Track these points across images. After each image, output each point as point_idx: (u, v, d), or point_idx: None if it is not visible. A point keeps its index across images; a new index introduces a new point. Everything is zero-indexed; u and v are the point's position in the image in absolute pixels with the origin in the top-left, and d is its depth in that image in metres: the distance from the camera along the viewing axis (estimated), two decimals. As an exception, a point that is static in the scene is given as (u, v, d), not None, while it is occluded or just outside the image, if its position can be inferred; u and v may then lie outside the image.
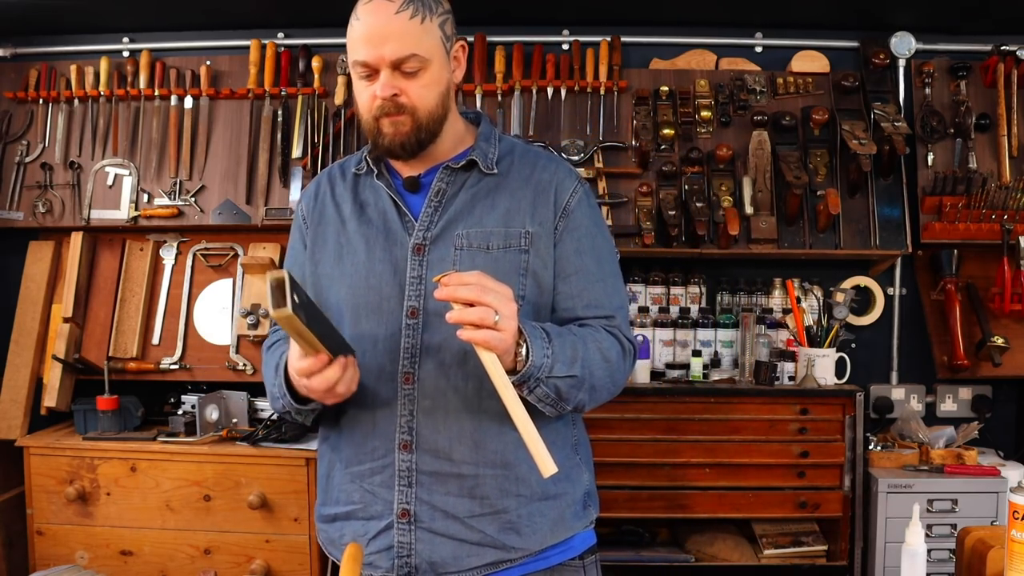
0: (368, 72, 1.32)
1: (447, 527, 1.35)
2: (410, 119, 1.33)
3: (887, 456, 2.50)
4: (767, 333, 2.65)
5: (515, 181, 1.42)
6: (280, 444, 2.47)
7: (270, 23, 2.79)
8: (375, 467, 1.38)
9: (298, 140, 2.69)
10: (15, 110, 2.80)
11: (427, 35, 1.31)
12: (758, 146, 2.63)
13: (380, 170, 1.43)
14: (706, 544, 2.49)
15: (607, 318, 1.40)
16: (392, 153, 1.37)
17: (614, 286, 1.44)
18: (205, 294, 2.79)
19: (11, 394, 2.70)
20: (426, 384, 1.35)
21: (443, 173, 1.41)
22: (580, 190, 1.43)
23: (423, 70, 1.32)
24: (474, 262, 1.35)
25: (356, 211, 1.44)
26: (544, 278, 1.39)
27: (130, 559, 2.48)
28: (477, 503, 1.35)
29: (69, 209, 2.74)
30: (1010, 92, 2.63)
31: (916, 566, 1.39)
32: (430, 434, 1.35)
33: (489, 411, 1.35)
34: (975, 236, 2.60)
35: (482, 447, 1.35)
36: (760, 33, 2.80)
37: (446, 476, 1.35)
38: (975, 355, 2.63)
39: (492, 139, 1.47)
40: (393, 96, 1.31)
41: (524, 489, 1.37)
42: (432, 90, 1.34)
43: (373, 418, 1.38)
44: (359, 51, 1.31)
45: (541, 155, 1.47)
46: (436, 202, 1.40)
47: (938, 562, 2.31)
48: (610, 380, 1.38)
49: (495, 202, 1.40)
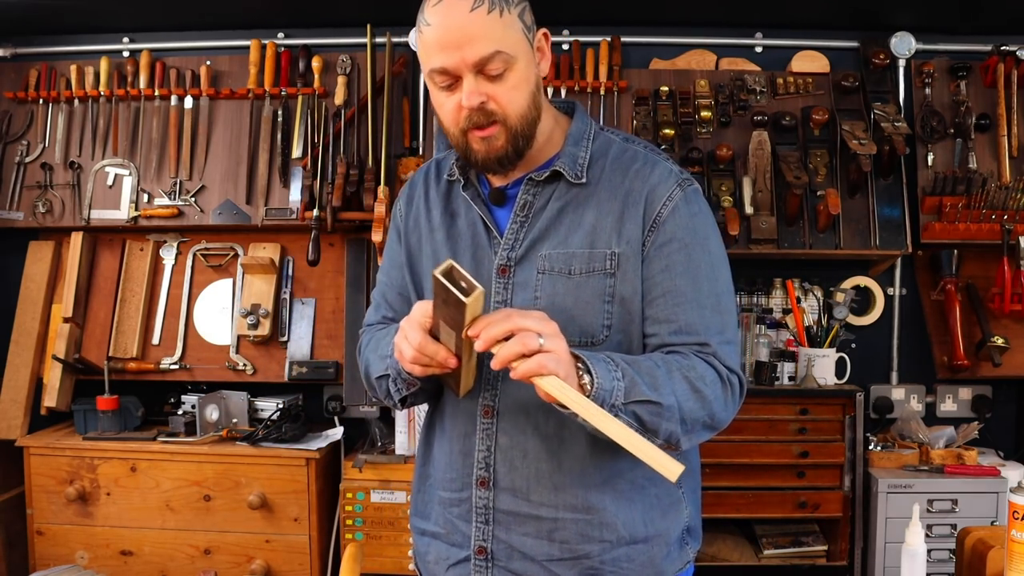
0: (449, 80, 1.19)
1: (524, 568, 1.27)
2: (502, 129, 1.20)
3: (887, 456, 2.50)
4: (767, 333, 2.65)
5: (604, 191, 1.26)
6: (280, 444, 2.47)
7: (270, 23, 2.79)
8: (454, 499, 1.31)
9: (298, 140, 2.69)
10: (15, 110, 2.80)
11: (509, 29, 1.17)
12: (758, 146, 2.63)
13: (469, 179, 1.31)
14: (706, 544, 2.49)
15: (701, 345, 1.22)
16: (488, 170, 1.26)
17: (714, 308, 1.23)
18: (205, 294, 2.79)
19: (11, 394, 2.70)
20: (505, 420, 1.26)
21: (527, 185, 1.28)
22: (679, 195, 1.24)
23: (509, 70, 1.18)
24: (555, 288, 1.23)
25: (446, 221, 1.33)
26: (634, 304, 1.24)
27: (130, 559, 2.48)
28: (556, 547, 1.26)
29: (69, 209, 2.74)
30: (1010, 92, 2.63)
31: (916, 566, 1.39)
32: (507, 472, 1.26)
33: (571, 453, 1.25)
34: (975, 236, 2.60)
35: (562, 490, 1.25)
36: (760, 33, 2.80)
37: (524, 517, 1.26)
38: (975, 355, 2.63)
39: (584, 139, 1.30)
40: (481, 104, 1.18)
41: (609, 534, 1.25)
42: (522, 90, 1.20)
43: (451, 450, 1.31)
44: (436, 58, 1.18)
45: (639, 155, 1.29)
46: (522, 217, 1.27)
47: (938, 562, 2.31)
48: (704, 413, 1.20)
49: (582, 218, 1.25)
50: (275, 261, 2.75)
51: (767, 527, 2.56)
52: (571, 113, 1.34)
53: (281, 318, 2.75)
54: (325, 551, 2.53)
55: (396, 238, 1.42)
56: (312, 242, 2.58)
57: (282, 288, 2.77)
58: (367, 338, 1.42)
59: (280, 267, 2.77)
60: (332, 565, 2.53)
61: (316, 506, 2.46)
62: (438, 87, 1.21)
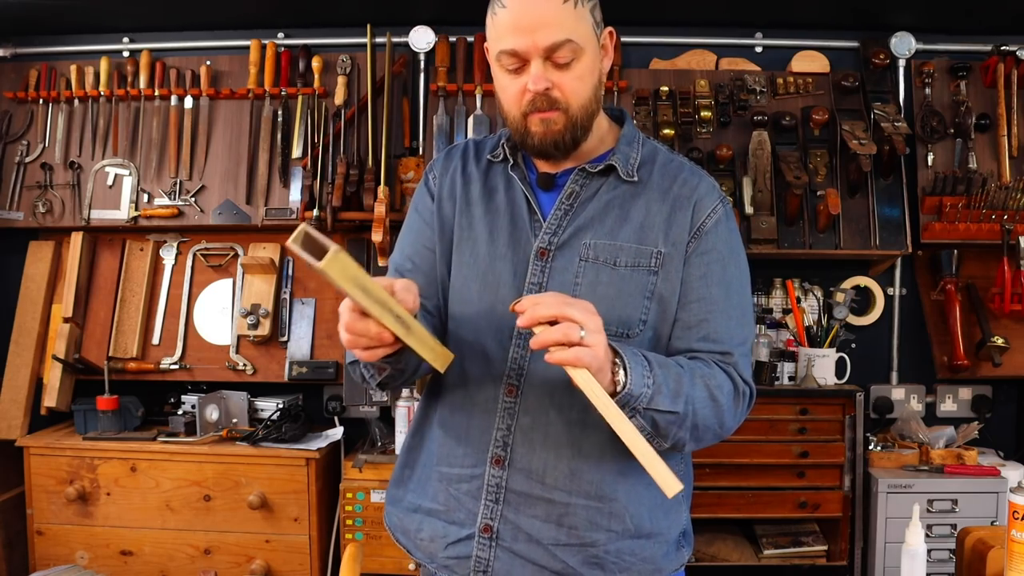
0: (517, 63, 1.22)
1: (529, 550, 1.27)
2: (563, 116, 1.23)
3: (887, 456, 2.50)
4: (767, 333, 2.65)
5: (654, 192, 1.30)
6: (280, 444, 2.47)
7: (270, 23, 2.79)
8: (464, 475, 1.30)
9: (298, 140, 2.69)
10: (15, 110, 2.80)
11: (581, 21, 1.22)
12: (758, 146, 2.63)
13: (516, 160, 1.34)
14: (706, 544, 2.49)
15: (723, 354, 1.27)
16: (544, 153, 1.28)
17: (740, 321, 1.30)
18: (205, 294, 2.79)
19: (11, 394, 2.70)
20: (529, 400, 1.26)
21: (578, 175, 1.31)
22: (721, 210, 1.30)
23: (576, 60, 1.22)
24: (598, 277, 1.25)
25: (484, 195, 1.34)
26: (671, 304, 1.27)
27: (130, 559, 2.48)
28: (564, 532, 1.27)
29: (69, 209, 2.74)
30: (1010, 92, 2.63)
31: (916, 566, 1.39)
32: (525, 453, 1.27)
33: (591, 439, 1.26)
34: (975, 236, 2.60)
35: (578, 476, 1.26)
36: (760, 33, 2.80)
37: (536, 499, 1.27)
38: (975, 355, 2.63)
39: (635, 143, 1.35)
40: (546, 90, 1.21)
41: (617, 525, 1.28)
42: (586, 82, 1.25)
43: (468, 425, 1.30)
44: (507, 39, 1.20)
45: (685, 166, 1.35)
46: (567, 205, 1.30)
47: (938, 562, 2.31)
48: (716, 421, 1.24)
49: (629, 214, 1.29)
50: (275, 261, 2.75)
51: (767, 527, 2.56)
52: (621, 120, 1.39)
53: (281, 318, 2.75)
54: (325, 551, 2.53)
55: (429, 202, 1.38)
56: (312, 242, 2.58)
57: (282, 288, 2.77)
58: None
59: (280, 267, 2.77)
60: (332, 565, 2.53)
61: (316, 506, 2.46)
62: (505, 69, 1.23)
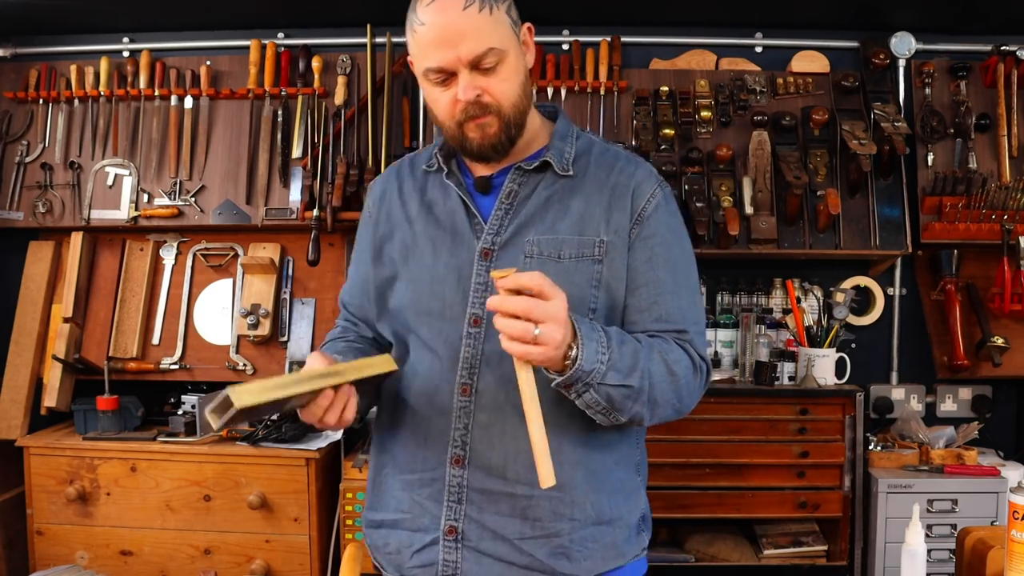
0: (444, 76, 1.24)
1: (495, 548, 1.29)
2: (496, 118, 1.26)
3: (887, 456, 2.50)
4: (767, 333, 2.65)
5: (591, 184, 1.33)
6: (280, 444, 2.47)
7: (270, 23, 2.79)
8: (424, 478, 1.32)
9: (298, 140, 2.69)
10: (15, 110, 2.80)
11: (499, 25, 1.24)
12: (758, 146, 2.63)
13: (451, 168, 1.36)
14: (706, 544, 2.49)
15: (679, 332, 1.31)
16: (483, 157, 1.31)
17: (689, 299, 1.34)
18: (205, 294, 2.79)
19: (11, 394, 2.70)
20: (485, 397, 1.28)
21: (515, 174, 1.33)
22: (659, 194, 1.34)
23: (501, 63, 1.24)
24: (544, 271, 1.23)
25: (423, 210, 1.37)
26: (618, 290, 1.30)
27: (130, 559, 2.48)
28: (528, 525, 1.28)
29: (69, 209, 2.74)
30: (1010, 92, 2.63)
31: (916, 566, 1.39)
32: (484, 450, 1.28)
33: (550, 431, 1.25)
34: (975, 236, 2.60)
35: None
36: (760, 33, 2.80)
37: (498, 495, 1.28)
38: (975, 355, 2.63)
39: (569, 137, 1.38)
40: (477, 97, 1.24)
41: (579, 513, 1.30)
42: (513, 82, 1.26)
43: (427, 428, 1.32)
44: (431, 56, 1.23)
45: (621, 155, 1.38)
46: (507, 204, 1.32)
47: (938, 562, 2.31)
48: (675, 396, 1.27)
49: (569, 207, 1.32)
50: (275, 261, 2.75)
51: (767, 527, 2.55)
52: (554, 116, 1.41)
53: (281, 318, 2.75)
54: (325, 551, 2.53)
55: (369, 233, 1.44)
56: (312, 242, 2.58)
57: (282, 288, 2.77)
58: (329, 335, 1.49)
59: (280, 267, 2.77)
60: (332, 565, 2.53)
61: (316, 506, 2.46)
62: (433, 83, 1.26)
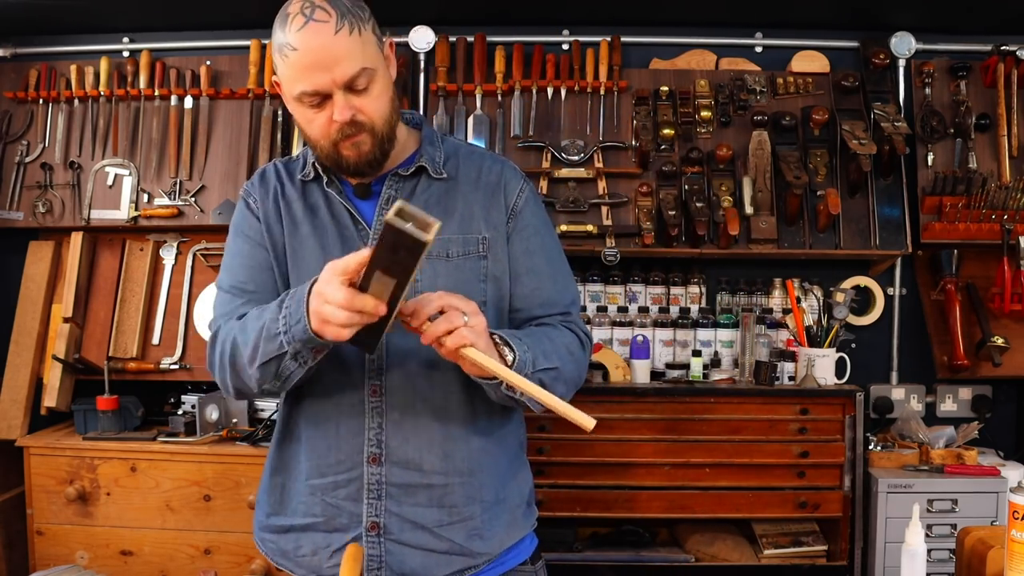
0: (318, 99, 1.27)
1: (416, 538, 1.35)
2: (369, 136, 1.30)
3: (887, 456, 2.50)
4: (767, 333, 2.65)
5: (465, 185, 1.41)
6: (280, 444, 2.47)
7: (270, 23, 2.76)
8: (339, 480, 1.36)
9: (298, 140, 2.69)
10: (15, 110, 2.80)
11: (367, 45, 1.27)
12: (758, 146, 2.63)
13: (330, 177, 1.39)
14: (706, 544, 2.49)
15: (563, 314, 1.42)
16: (359, 173, 1.35)
17: (565, 282, 1.45)
18: (205, 294, 2.79)
19: (11, 394, 2.70)
20: (394, 396, 1.34)
21: (392, 180, 1.38)
22: (527, 189, 1.44)
23: (372, 82, 1.28)
24: (435, 271, 1.35)
25: (307, 214, 1.40)
26: (503, 282, 1.39)
27: (130, 559, 2.48)
28: (446, 512, 1.36)
29: (69, 209, 2.74)
30: (1010, 92, 2.63)
31: (916, 566, 1.39)
32: (399, 446, 1.34)
33: (456, 418, 1.36)
34: (975, 236, 2.60)
35: (451, 456, 1.36)
36: (760, 33, 2.80)
37: (416, 487, 1.35)
38: (975, 355, 2.63)
39: (436, 142, 1.44)
40: (352, 117, 1.27)
41: (487, 495, 1.39)
42: (383, 98, 1.31)
43: (337, 431, 1.35)
44: (304, 80, 1.26)
45: (486, 156, 1.47)
46: (385, 210, 1.35)
47: (938, 562, 2.31)
48: (577, 373, 1.39)
49: (448, 208, 1.38)
50: (275, 261, 2.75)
51: (767, 527, 2.55)
52: (417, 124, 1.47)
53: (281, 318, 2.75)
54: (325, 551, 2.53)
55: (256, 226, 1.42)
56: (312, 242, 2.58)
57: (282, 288, 2.77)
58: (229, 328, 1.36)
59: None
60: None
61: (316, 506, 2.46)
62: (306, 106, 1.29)
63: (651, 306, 2.70)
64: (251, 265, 1.42)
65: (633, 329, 2.62)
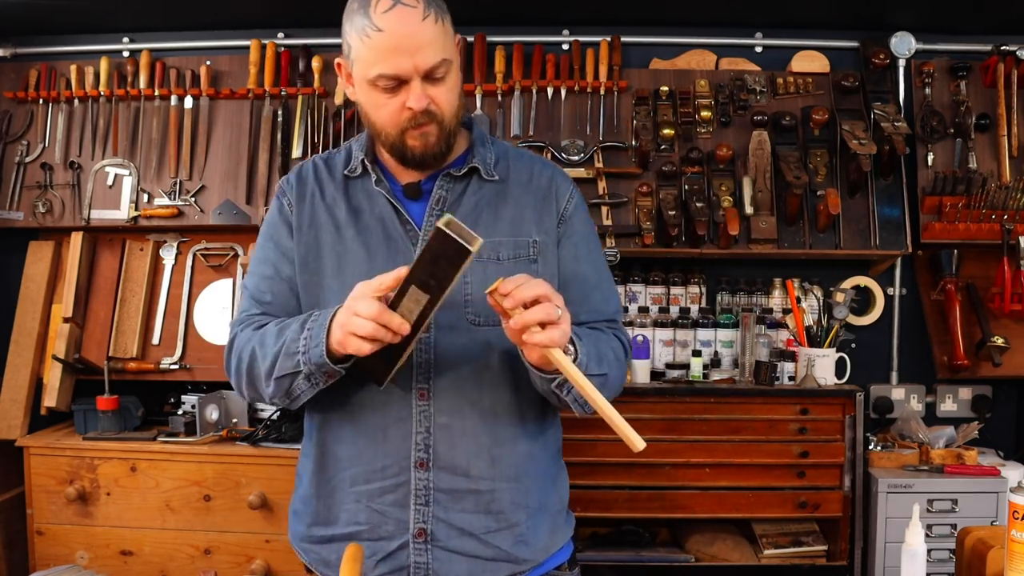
0: (395, 84, 1.25)
1: (463, 545, 1.33)
2: (437, 127, 1.28)
3: (887, 456, 2.50)
4: (767, 333, 2.65)
5: (516, 187, 1.39)
6: (280, 444, 2.47)
7: (270, 23, 2.79)
8: (386, 486, 1.33)
9: (298, 140, 2.69)
10: (15, 110, 2.80)
11: (447, 36, 1.27)
12: (758, 146, 2.63)
13: (378, 175, 1.37)
14: (706, 544, 2.49)
15: (608, 322, 1.40)
16: (422, 164, 1.33)
17: (610, 290, 1.44)
18: (205, 294, 2.79)
19: (11, 394, 2.70)
20: (442, 400, 1.31)
21: (443, 180, 1.36)
22: (576, 195, 1.43)
23: (448, 73, 1.27)
24: (485, 273, 1.31)
25: (351, 216, 1.37)
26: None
27: (130, 559, 2.48)
28: (492, 518, 1.34)
29: (69, 209, 2.74)
30: (1010, 92, 2.63)
31: (916, 566, 1.39)
32: (447, 451, 1.32)
33: (504, 423, 1.33)
34: (975, 236, 2.60)
35: (498, 461, 1.33)
36: (760, 33, 2.80)
37: (463, 493, 1.32)
38: (975, 355, 2.63)
39: (487, 142, 1.43)
40: (426, 106, 1.26)
41: (532, 501, 1.37)
42: (455, 92, 1.30)
43: (384, 436, 1.33)
44: (385, 64, 1.23)
45: (535, 159, 1.45)
46: (438, 211, 1.35)
47: (938, 562, 2.31)
48: (620, 381, 1.37)
49: (500, 210, 1.37)
50: (275, 261, 2.74)
51: (767, 527, 2.55)
52: (468, 124, 1.43)
53: (281, 318, 2.75)
54: (325, 551, 2.53)
55: (287, 233, 1.39)
56: (312, 242, 2.58)
57: (282, 288, 2.77)
58: (249, 334, 1.35)
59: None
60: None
61: (316, 506, 2.46)
62: (380, 90, 1.26)
63: (651, 306, 2.70)
64: (272, 276, 1.40)
65: (633, 329, 2.63)
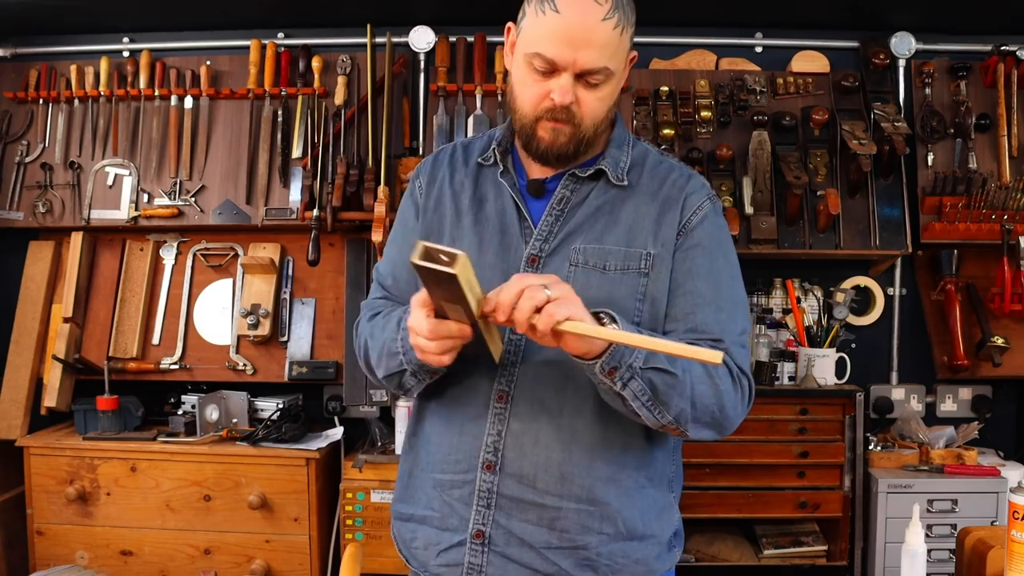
0: (548, 68, 1.21)
1: (521, 555, 1.28)
2: (571, 129, 1.24)
3: (887, 456, 2.50)
4: (767, 333, 2.65)
5: (643, 195, 1.31)
6: (280, 444, 2.47)
7: (270, 23, 2.79)
8: (456, 480, 1.31)
9: (298, 140, 2.69)
10: (15, 110, 2.80)
11: (620, 48, 1.22)
12: (758, 146, 2.63)
13: (507, 166, 1.34)
14: (706, 544, 2.49)
15: (715, 341, 1.25)
16: (544, 159, 1.29)
17: (731, 314, 1.29)
18: (205, 294, 2.79)
19: (11, 394, 2.70)
20: (520, 406, 1.27)
21: (568, 180, 1.32)
22: (707, 206, 1.31)
23: (605, 83, 1.23)
24: (588, 281, 1.26)
25: (474, 205, 1.34)
26: (662, 304, 1.28)
27: (130, 559, 2.48)
28: (556, 535, 1.27)
29: (69, 209, 2.74)
30: (1010, 92, 2.63)
31: (916, 566, 1.39)
32: (516, 458, 1.27)
33: (582, 442, 1.27)
34: (975, 236, 2.60)
35: (569, 480, 1.27)
36: (760, 33, 2.80)
37: (527, 504, 1.27)
38: (975, 355, 2.63)
39: (626, 145, 1.35)
40: (569, 103, 1.22)
41: (609, 527, 1.28)
42: (605, 103, 1.25)
43: (460, 430, 1.31)
44: (548, 45, 1.19)
45: (675, 167, 1.36)
46: (558, 211, 1.31)
47: (938, 562, 2.31)
48: (715, 401, 1.23)
49: (618, 217, 1.30)
50: (275, 261, 2.75)
51: (767, 527, 2.56)
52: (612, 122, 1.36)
53: (281, 318, 2.75)
54: (325, 551, 2.53)
55: (413, 214, 1.41)
56: (312, 242, 2.58)
57: (282, 288, 2.77)
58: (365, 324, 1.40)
59: (280, 267, 2.77)
60: (332, 565, 2.53)
61: (316, 506, 2.46)
62: (532, 68, 1.22)
63: (651, 306, 2.70)
64: (397, 261, 1.41)
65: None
